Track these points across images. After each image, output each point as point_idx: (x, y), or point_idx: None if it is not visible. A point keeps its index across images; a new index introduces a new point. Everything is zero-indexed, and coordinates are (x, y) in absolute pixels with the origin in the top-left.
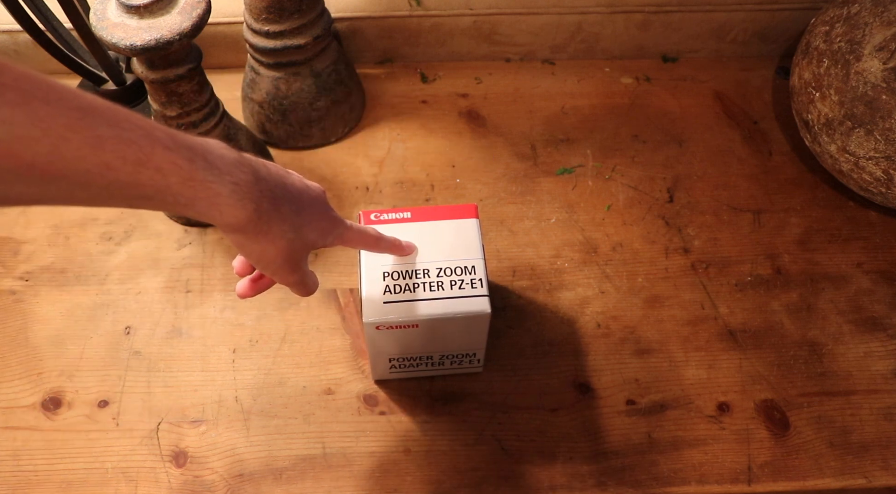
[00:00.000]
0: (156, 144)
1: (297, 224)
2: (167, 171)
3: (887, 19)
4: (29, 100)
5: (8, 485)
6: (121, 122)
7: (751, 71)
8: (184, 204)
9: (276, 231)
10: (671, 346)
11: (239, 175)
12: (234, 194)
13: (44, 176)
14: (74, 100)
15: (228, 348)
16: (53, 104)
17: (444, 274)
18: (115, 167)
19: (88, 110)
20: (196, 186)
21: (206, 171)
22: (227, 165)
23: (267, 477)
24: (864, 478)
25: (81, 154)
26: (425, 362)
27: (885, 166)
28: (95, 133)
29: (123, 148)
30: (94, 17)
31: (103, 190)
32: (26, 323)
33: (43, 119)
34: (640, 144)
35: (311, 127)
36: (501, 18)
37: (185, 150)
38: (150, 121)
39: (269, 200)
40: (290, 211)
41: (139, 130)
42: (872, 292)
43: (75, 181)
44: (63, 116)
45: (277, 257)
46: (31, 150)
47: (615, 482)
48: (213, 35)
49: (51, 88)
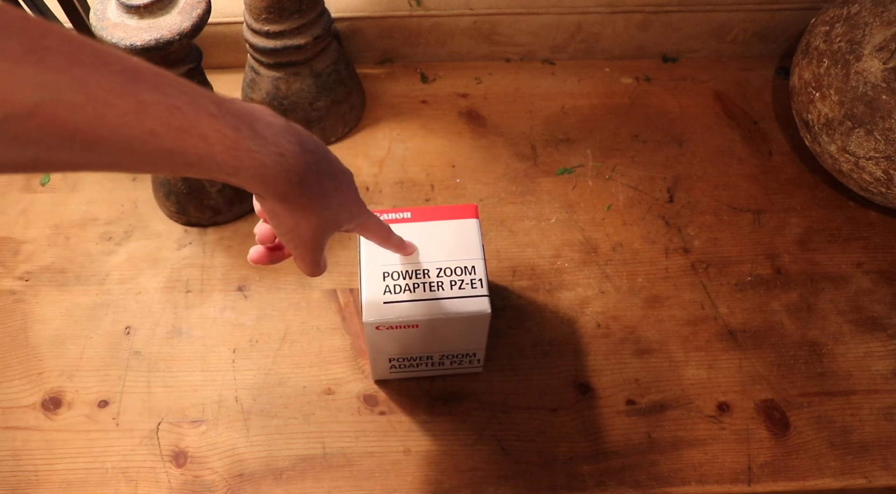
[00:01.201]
0: (200, 111)
1: (334, 202)
2: (212, 139)
3: (887, 19)
4: (73, 64)
5: (8, 485)
6: (165, 87)
7: (751, 71)
8: (228, 172)
9: (315, 206)
10: (671, 346)
11: (285, 146)
12: (279, 164)
13: (88, 142)
14: (118, 64)
15: (228, 348)
16: (98, 69)
17: (444, 274)
18: (159, 134)
19: (133, 75)
20: (241, 155)
21: (252, 140)
22: (274, 134)
23: (267, 477)
24: (864, 478)
25: (125, 121)
26: (425, 362)
27: (885, 166)
28: (139, 99)
29: (167, 115)
30: (94, 17)
31: (147, 157)
32: (26, 323)
33: (87, 84)
34: (640, 144)
35: (311, 127)
36: (501, 18)
37: (230, 117)
38: (196, 86)
39: (314, 173)
40: (331, 188)
41: (184, 96)
42: (872, 292)
43: (120, 148)
44: (107, 80)
45: (308, 232)
46: (75, 115)
47: (615, 482)
48: (213, 35)
49: (96, 51)
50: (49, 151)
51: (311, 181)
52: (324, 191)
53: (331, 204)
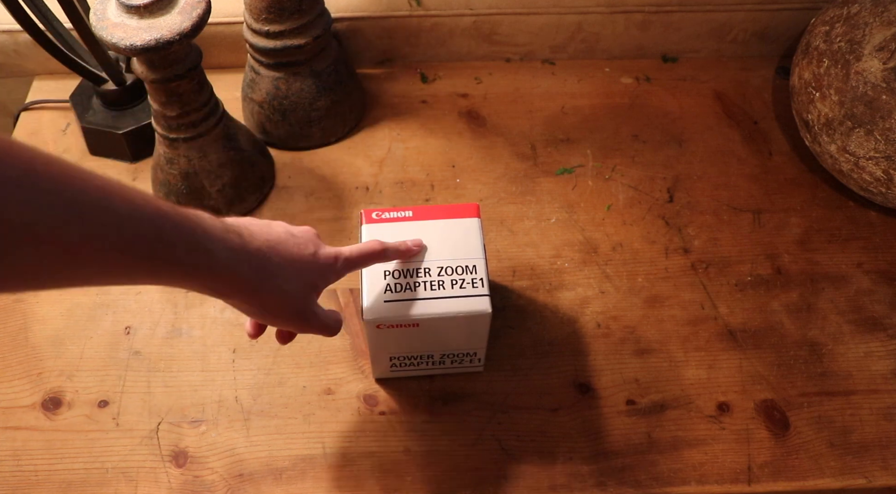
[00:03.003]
0: (164, 219)
1: (290, 275)
2: (176, 244)
3: (887, 19)
4: (61, 186)
5: (8, 485)
6: (134, 198)
7: (751, 71)
8: (189, 275)
9: (270, 287)
10: (671, 346)
11: (231, 240)
12: (229, 259)
13: (73, 260)
14: (93, 180)
15: (228, 348)
16: (82, 188)
17: (444, 273)
18: (134, 244)
19: (107, 190)
20: (199, 256)
21: (206, 240)
22: (220, 232)
23: (267, 477)
24: (864, 478)
25: (106, 234)
26: (426, 360)
27: (885, 166)
28: (117, 213)
29: (138, 225)
30: (94, 17)
31: (122, 268)
32: (26, 323)
33: (74, 204)
34: (640, 144)
35: (311, 127)
36: (501, 18)
37: (186, 222)
38: (149, 195)
39: (258, 258)
40: (279, 264)
41: (149, 207)
42: (872, 292)
43: (100, 264)
44: (90, 198)
45: (281, 311)
46: (64, 235)
47: (615, 482)
48: (213, 35)
49: (74, 170)
50: (37, 270)
51: (256, 265)
52: (272, 272)
53: (286, 279)
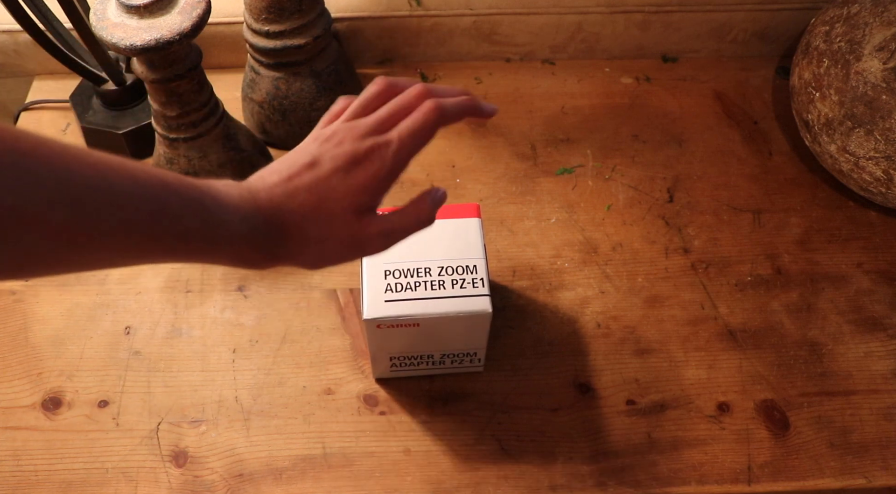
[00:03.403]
0: (169, 193)
1: (322, 217)
2: (185, 217)
3: (887, 19)
4: (48, 164)
5: (8, 485)
6: (135, 173)
7: (751, 71)
8: (205, 250)
9: (298, 243)
10: (671, 346)
11: (244, 209)
12: (246, 229)
13: (69, 241)
14: (88, 157)
15: (228, 348)
16: (71, 166)
17: (445, 273)
18: (137, 221)
19: (102, 167)
20: (214, 227)
21: (220, 210)
22: (233, 199)
23: (267, 477)
24: (864, 478)
25: (102, 213)
26: (426, 360)
27: (885, 166)
28: (114, 190)
29: (141, 201)
30: (94, 17)
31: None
32: (26, 323)
33: (62, 182)
34: (640, 144)
35: (311, 127)
36: (501, 18)
37: (196, 192)
38: (156, 169)
39: (274, 220)
40: (303, 214)
41: (153, 180)
42: (872, 292)
43: (101, 243)
44: (81, 176)
45: (327, 256)
46: (54, 215)
47: (615, 482)
48: (213, 35)
49: (66, 149)
50: (32, 252)
51: (275, 231)
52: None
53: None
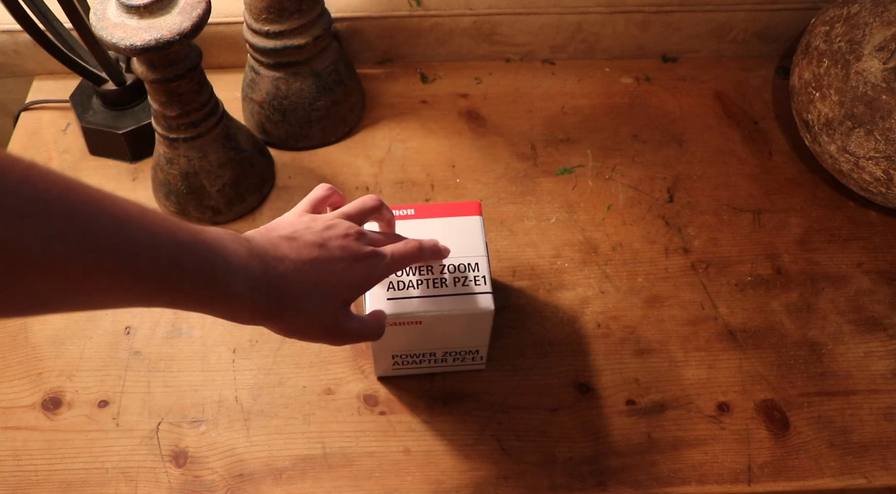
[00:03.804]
0: (182, 248)
1: (316, 297)
2: (192, 274)
3: (887, 19)
4: (75, 214)
5: (8, 485)
6: (150, 226)
7: (751, 71)
8: (203, 303)
9: (293, 313)
10: (671, 346)
11: (251, 271)
12: (248, 290)
13: (84, 288)
14: (112, 208)
15: (228, 348)
16: (97, 216)
17: (447, 271)
18: (148, 274)
19: (124, 218)
20: (216, 286)
21: (225, 270)
22: (242, 260)
23: (267, 477)
24: (864, 478)
25: (119, 263)
26: (428, 358)
27: (885, 166)
28: (132, 242)
29: (156, 254)
30: (94, 17)
31: (135, 296)
32: (26, 323)
33: (88, 232)
34: (640, 144)
35: (311, 127)
36: (501, 18)
37: (206, 250)
38: (172, 219)
39: (279, 288)
40: (305, 289)
41: (167, 234)
42: (872, 292)
43: (111, 291)
44: (106, 227)
45: (308, 333)
46: (75, 264)
47: (615, 482)
48: (213, 35)
49: (92, 197)
50: (45, 298)
51: (276, 296)
52: (295, 296)
53: (313, 301)
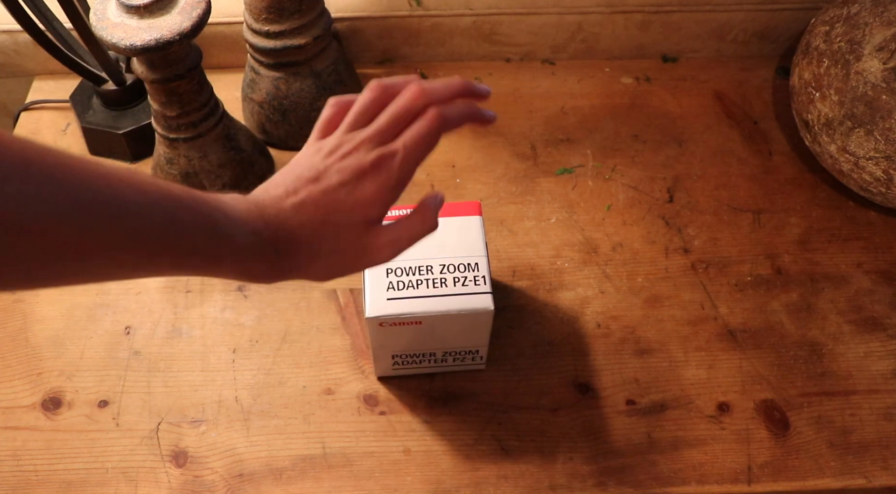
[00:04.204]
0: (178, 207)
1: (330, 230)
2: (193, 231)
3: (887, 19)
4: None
5: (8, 485)
6: (143, 186)
7: (751, 71)
8: (212, 264)
9: (308, 257)
10: (671, 346)
11: (253, 223)
12: (255, 245)
13: (77, 254)
14: (97, 169)
15: (228, 348)
16: (80, 177)
17: (447, 271)
18: (144, 234)
19: (111, 179)
20: (220, 243)
21: (227, 225)
22: (242, 214)
23: (267, 477)
24: (864, 478)
25: (110, 225)
26: (428, 358)
27: (885, 166)
28: (123, 201)
29: (149, 214)
30: (94, 17)
31: (133, 261)
32: (26, 323)
33: (71, 194)
34: (640, 144)
35: (311, 127)
36: (501, 18)
37: (204, 206)
38: (167, 182)
39: (284, 235)
40: (312, 229)
41: (161, 192)
42: (872, 292)
43: (107, 256)
44: (89, 189)
45: (335, 269)
46: (62, 227)
47: (615, 482)
48: (213, 35)
49: (75, 159)
50: (39, 265)
51: (284, 246)
52: (302, 244)
53: (325, 241)
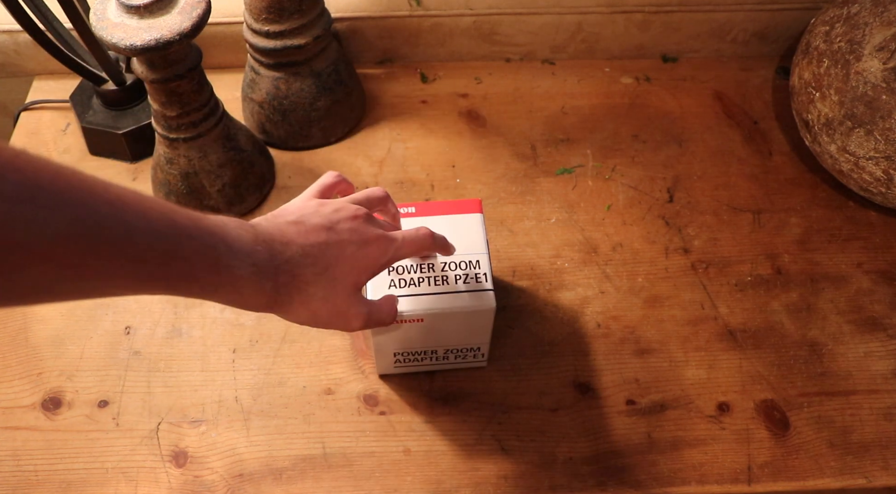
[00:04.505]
0: (180, 234)
1: (325, 283)
2: (193, 260)
3: (887, 19)
4: (64, 200)
5: (8, 485)
6: (147, 212)
7: (751, 71)
8: (208, 291)
9: (301, 299)
10: (671, 346)
11: (256, 256)
12: (254, 276)
13: (77, 275)
14: (105, 194)
15: (228, 348)
16: (87, 202)
17: (448, 269)
18: (146, 260)
19: (118, 204)
20: (220, 271)
21: (229, 256)
22: (246, 246)
23: (267, 477)
24: (864, 478)
25: (113, 251)
26: (430, 356)
27: (885, 166)
28: (127, 228)
29: (153, 240)
30: (94, 17)
31: (133, 283)
32: (26, 323)
33: (78, 219)
34: (640, 144)
35: (311, 127)
36: (501, 18)
37: (207, 236)
38: (173, 206)
39: (287, 273)
40: (314, 273)
41: (165, 220)
42: (872, 292)
43: (107, 278)
44: (96, 213)
45: (318, 318)
46: (65, 250)
47: (615, 482)
48: (213, 35)
49: (83, 183)
50: (37, 285)
51: (284, 281)
52: (305, 281)
53: (322, 285)
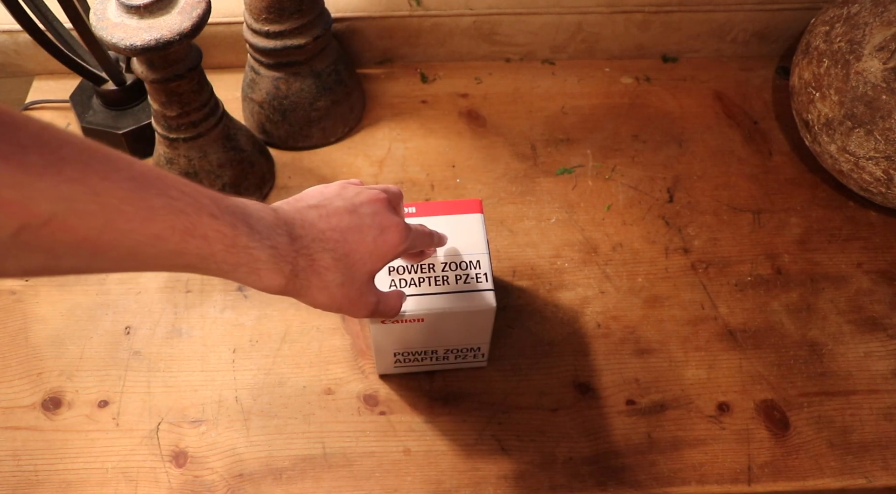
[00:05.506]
0: (202, 212)
1: (344, 267)
2: (212, 239)
3: (887, 19)
4: (87, 174)
5: (8, 485)
6: (170, 189)
7: (751, 71)
8: (226, 270)
9: (318, 284)
10: (671, 346)
11: (276, 238)
12: (273, 258)
13: (95, 249)
14: (128, 170)
15: (228, 348)
16: (110, 176)
17: (448, 269)
18: (165, 238)
19: (141, 180)
20: (238, 252)
21: (248, 236)
22: (266, 228)
23: (267, 477)
24: (864, 478)
25: (133, 226)
26: (430, 356)
27: (885, 166)
28: (148, 204)
29: (172, 218)
30: (94, 17)
31: (151, 260)
32: (26, 323)
33: (100, 193)
34: (640, 144)
35: (311, 127)
36: (501, 18)
37: (228, 215)
38: (195, 186)
39: (306, 256)
40: (333, 258)
41: (187, 198)
42: (872, 292)
43: (125, 253)
44: (119, 188)
45: (333, 304)
46: (86, 224)
47: (615, 482)
48: (213, 35)
49: (107, 158)
50: (56, 258)
51: (303, 265)
52: (323, 267)
53: (340, 272)
